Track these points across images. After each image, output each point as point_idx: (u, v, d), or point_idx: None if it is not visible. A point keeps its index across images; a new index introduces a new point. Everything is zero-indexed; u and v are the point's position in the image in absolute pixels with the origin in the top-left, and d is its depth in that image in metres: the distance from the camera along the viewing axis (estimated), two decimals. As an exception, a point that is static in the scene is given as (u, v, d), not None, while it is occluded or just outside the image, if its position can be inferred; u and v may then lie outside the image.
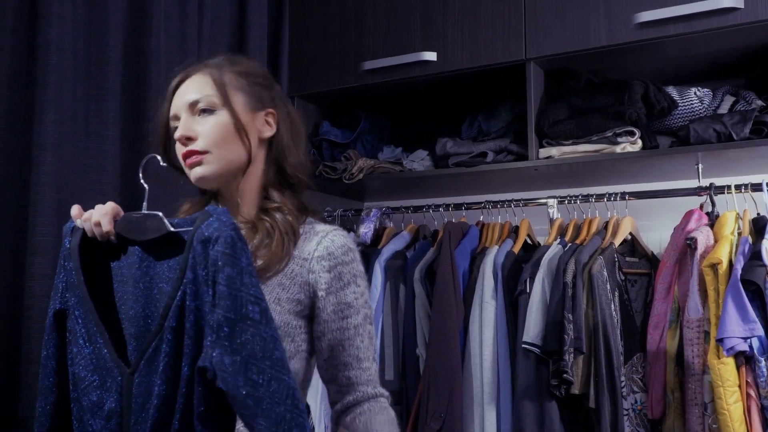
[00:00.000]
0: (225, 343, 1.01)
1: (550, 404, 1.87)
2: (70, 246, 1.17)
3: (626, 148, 1.95)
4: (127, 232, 1.17)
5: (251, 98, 1.30)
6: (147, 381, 1.08)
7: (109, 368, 1.11)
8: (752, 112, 1.83)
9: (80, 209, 1.19)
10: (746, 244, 1.82)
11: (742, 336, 1.69)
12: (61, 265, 1.19)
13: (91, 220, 1.17)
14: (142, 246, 1.17)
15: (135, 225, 1.17)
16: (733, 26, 1.81)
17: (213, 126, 1.25)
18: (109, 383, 1.11)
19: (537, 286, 1.95)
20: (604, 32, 1.95)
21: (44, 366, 1.18)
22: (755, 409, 1.71)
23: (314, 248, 1.26)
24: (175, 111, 1.29)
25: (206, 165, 1.25)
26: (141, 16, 1.97)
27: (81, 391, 1.12)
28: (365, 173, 2.30)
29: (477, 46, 2.13)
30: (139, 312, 1.13)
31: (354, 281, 1.27)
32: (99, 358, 1.12)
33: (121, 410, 1.10)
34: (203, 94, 1.26)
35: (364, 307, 1.27)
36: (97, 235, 1.16)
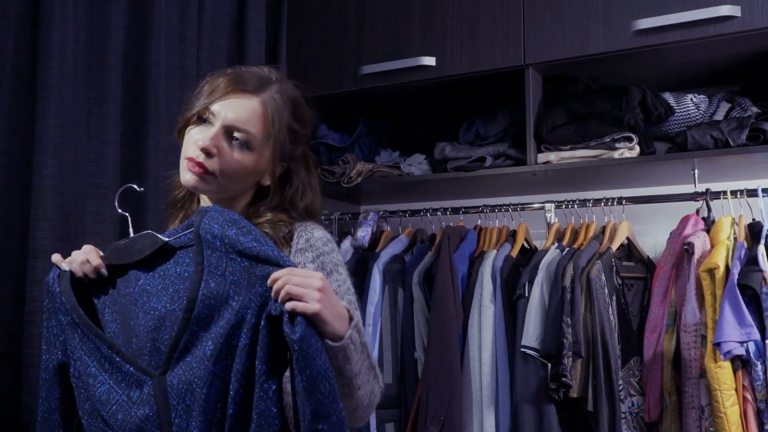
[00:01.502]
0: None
1: (549, 407, 1.89)
2: (61, 288, 1.19)
3: (624, 154, 1.97)
4: (119, 258, 1.20)
5: (284, 150, 1.29)
6: (183, 374, 1.10)
7: (138, 379, 1.13)
8: (749, 119, 1.85)
9: (60, 256, 1.22)
10: (742, 249, 1.84)
11: (738, 340, 1.72)
12: (50, 318, 1.20)
13: (77, 260, 1.19)
14: (138, 267, 1.20)
15: (126, 249, 1.20)
16: (730, 34, 1.83)
17: (240, 163, 1.24)
18: (136, 396, 1.13)
19: (536, 290, 1.97)
20: (602, 39, 1.97)
21: (46, 420, 1.20)
22: (751, 412, 1.73)
23: (296, 242, 1.27)
24: (215, 111, 1.24)
25: (206, 184, 1.25)
26: (141, 20, 1.97)
27: (110, 417, 1.14)
28: (363, 177, 2.31)
29: (476, 51, 2.15)
30: (148, 326, 1.15)
31: (336, 270, 1.27)
32: (123, 376, 1.14)
33: (158, 412, 1.11)
34: (250, 128, 1.24)
35: (347, 293, 1.26)
36: (87, 273, 1.19)
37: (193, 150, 1.24)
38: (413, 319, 2.11)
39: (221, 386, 1.07)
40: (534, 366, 1.92)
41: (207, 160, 1.23)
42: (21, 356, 1.62)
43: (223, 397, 1.07)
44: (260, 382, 1.05)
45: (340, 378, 1.10)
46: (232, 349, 1.07)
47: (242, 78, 1.27)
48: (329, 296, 1.06)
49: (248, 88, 1.26)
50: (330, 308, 1.05)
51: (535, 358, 1.92)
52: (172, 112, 1.97)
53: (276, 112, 1.26)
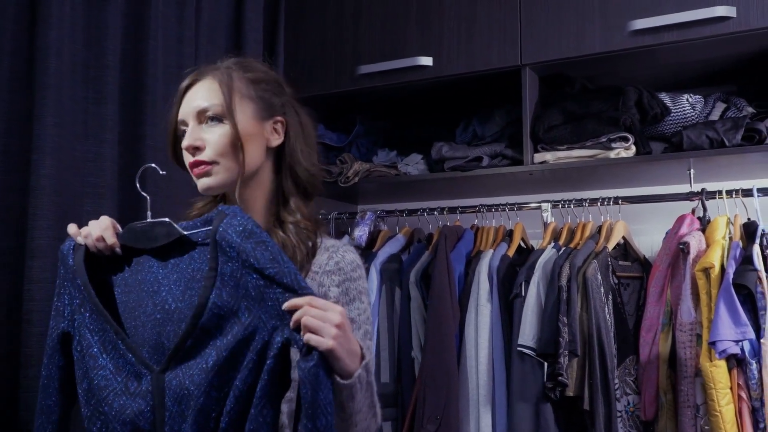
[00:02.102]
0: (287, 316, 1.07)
1: (545, 406, 1.90)
2: (75, 263, 1.18)
3: (620, 154, 1.98)
4: (133, 242, 1.19)
5: (260, 106, 1.29)
6: (182, 376, 1.10)
7: (137, 371, 1.13)
8: (744, 119, 1.86)
9: (76, 227, 1.20)
10: (737, 249, 1.85)
11: (733, 339, 1.73)
12: (63, 286, 1.20)
13: (92, 236, 1.18)
14: (151, 253, 1.18)
15: (142, 234, 1.19)
16: (726, 35, 1.84)
17: (221, 136, 1.24)
18: (134, 387, 1.13)
19: (532, 289, 1.98)
20: (598, 39, 1.98)
21: (45, 387, 1.20)
22: (746, 410, 1.74)
23: (325, 262, 1.27)
24: (183, 117, 1.28)
25: (214, 176, 1.24)
26: (139, 20, 1.97)
27: (103, 401, 1.14)
28: (360, 177, 2.31)
29: (473, 51, 2.15)
30: (155, 318, 1.15)
31: (359, 297, 1.27)
32: (123, 363, 1.14)
33: (153, 409, 1.11)
34: (211, 103, 1.25)
35: (365, 323, 1.27)
36: (102, 249, 1.18)
37: (187, 158, 1.26)
38: (410, 318, 2.12)
39: (218, 397, 1.07)
40: (530, 365, 1.93)
41: (200, 154, 1.24)
42: (19, 355, 1.62)
43: (218, 408, 1.07)
44: (259, 404, 1.05)
45: (341, 413, 1.11)
46: (235, 364, 1.07)
47: (192, 72, 1.31)
48: (346, 332, 1.06)
49: (195, 79, 1.29)
50: (345, 345, 1.06)
51: (532, 357, 1.93)
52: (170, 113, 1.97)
53: (223, 75, 1.28)
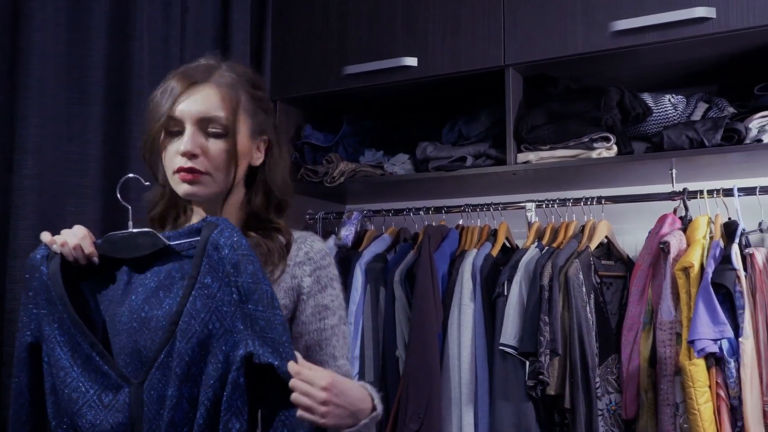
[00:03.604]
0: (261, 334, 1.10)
1: (527, 405, 1.91)
2: (49, 273, 1.16)
3: (602, 154, 1.99)
4: (112, 251, 1.19)
5: (255, 125, 1.30)
6: (161, 387, 1.10)
7: (114, 383, 1.12)
8: (723, 120, 1.87)
9: (50, 235, 1.20)
10: (717, 248, 1.86)
11: (712, 338, 1.74)
12: (30, 296, 1.18)
13: (69, 245, 1.17)
14: (129, 263, 1.19)
15: (122, 244, 1.18)
16: (706, 35, 1.85)
17: (222, 151, 1.23)
18: (108, 400, 1.12)
19: (514, 288, 1.99)
20: (581, 40, 1.99)
21: (17, 398, 1.19)
22: (725, 409, 1.75)
23: (295, 254, 1.30)
24: (181, 116, 1.23)
25: (203, 186, 1.23)
26: (124, 20, 1.98)
27: (76, 414, 1.12)
28: (346, 177, 2.32)
29: (457, 52, 2.16)
30: (132, 326, 1.15)
31: (331, 284, 1.31)
32: (97, 376, 1.13)
33: (131, 423, 1.11)
34: (217, 114, 1.23)
35: (339, 308, 1.31)
36: (78, 259, 1.18)
37: (178, 160, 1.22)
38: (395, 317, 2.13)
39: (189, 409, 1.09)
40: (512, 364, 1.94)
41: (195, 162, 1.22)
42: (2, 354, 1.63)
43: (189, 421, 1.08)
44: (225, 416, 1.07)
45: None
46: (200, 375, 1.09)
47: (188, 73, 1.27)
48: (338, 399, 1.12)
49: (197, 79, 1.25)
50: (339, 412, 1.12)
51: (514, 356, 1.94)
52: (155, 113, 1.99)
53: (231, 88, 1.27)
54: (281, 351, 1.09)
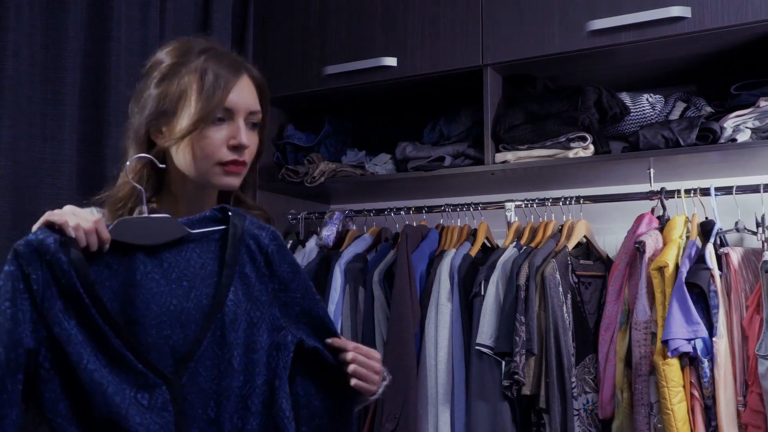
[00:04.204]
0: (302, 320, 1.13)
1: (503, 405, 1.91)
2: (72, 260, 1.01)
3: (579, 153, 1.99)
4: (128, 237, 1.08)
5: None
6: (202, 381, 1.07)
7: (151, 383, 1.04)
8: (699, 119, 1.87)
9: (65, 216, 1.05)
10: (693, 248, 1.86)
11: (685, 338, 1.73)
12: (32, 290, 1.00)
13: (82, 228, 1.04)
14: (143, 251, 1.09)
15: (139, 229, 1.09)
16: (682, 35, 1.85)
17: (255, 144, 1.25)
18: (147, 400, 1.03)
19: (491, 288, 1.99)
20: (557, 39, 1.99)
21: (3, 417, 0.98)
22: (698, 409, 1.75)
23: None
24: (233, 107, 1.20)
25: (240, 178, 1.24)
26: (101, 21, 1.99)
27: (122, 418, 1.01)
28: (327, 177, 2.32)
29: (436, 51, 2.16)
30: (161, 320, 1.07)
31: None
32: (129, 376, 1.03)
33: (176, 422, 1.05)
34: (257, 108, 1.24)
35: None
36: (91, 245, 1.05)
37: (225, 153, 1.20)
38: (374, 317, 2.13)
39: (239, 399, 1.07)
40: (488, 364, 1.94)
41: (243, 155, 1.21)
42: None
43: (241, 411, 1.07)
44: (278, 405, 1.08)
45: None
46: (256, 364, 1.09)
47: (231, 61, 1.24)
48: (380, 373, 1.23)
49: (243, 72, 1.24)
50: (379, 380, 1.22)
51: (490, 356, 1.94)
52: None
53: (263, 82, 1.28)
54: (324, 335, 1.15)
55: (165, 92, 1.20)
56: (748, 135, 1.81)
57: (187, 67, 1.21)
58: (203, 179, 1.22)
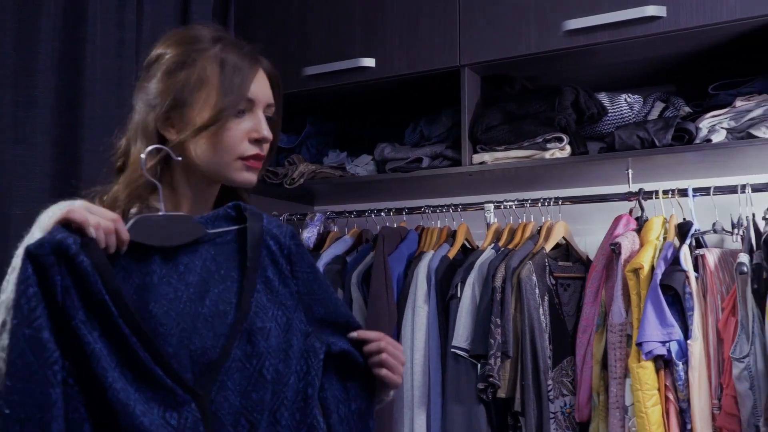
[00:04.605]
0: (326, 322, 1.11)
1: (478, 408, 1.90)
2: (96, 263, 0.90)
3: (555, 154, 1.97)
4: (147, 238, 0.99)
5: None
6: (231, 395, 0.98)
7: (179, 400, 0.94)
8: (674, 119, 1.85)
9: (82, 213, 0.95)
10: (670, 249, 1.84)
11: (660, 340, 1.72)
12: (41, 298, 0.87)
13: (102, 227, 0.94)
14: (159, 252, 1.01)
15: (158, 229, 1.00)
16: (657, 34, 1.83)
17: (274, 140, 1.21)
18: (175, 420, 0.93)
19: (467, 290, 1.97)
20: (534, 39, 1.98)
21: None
22: (673, 411, 1.74)
23: None
24: (255, 97, 1.16)
25: (258, 173, 1.18)
26: (76, 23, 1.97)
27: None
28: (306, 178, 2.31)
29: (414, 52, 2.15)
30: (182, 328, 0.98)
31: None
32: (156, 393, 0.93)
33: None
34: (272, 102, 1.20)
35: None
36: (110, 246, 0.95)
37: (247, 146, 1.14)
38: (352, 319, 2.12)
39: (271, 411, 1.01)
40: (464, 366, 1.93)
41: (263, 149, 1.17)
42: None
43: (275, 424, 1.02)
44: (311, 415, 1.05)
45: None
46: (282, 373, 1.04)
47: (249, 52, 1.19)
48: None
49: (258, 60, 1.20)
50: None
51: (466, 359, 1.93)
52: (109, 115, 1.98)
53: (277, 76, 1.23)
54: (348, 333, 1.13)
55: (180, 82, 1.13)
56: (723, 135, 1.79)
57: (202, 54, 1.15)
58: (220, 174, 1.15)
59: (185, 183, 1.17)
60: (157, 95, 1.14)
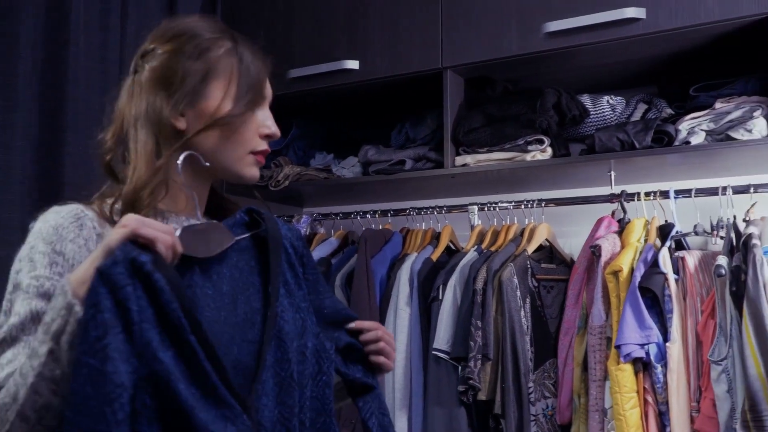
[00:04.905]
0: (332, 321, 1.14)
1: (459, 410, 1.90)
2: (169, 280, 0.87)
3: (536, 156, 1.97)
4: (194, 250, 0.95)
5: None
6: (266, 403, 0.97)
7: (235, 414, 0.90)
8: (654, 121, 1.85)
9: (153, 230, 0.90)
10: (650, 251, 1.84)
11: (638, 342, 1.72)
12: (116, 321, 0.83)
13: (163, 244, 0.90)
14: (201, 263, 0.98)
15: (200, 239, 0.97)
16: (637, 36, 1.83)
17: None
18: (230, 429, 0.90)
19: (449, 293, 1.98)
20: (515, 41, 1.97)
21: None
22: (652, 414, 1.73)
23: None
24: (268, 94, 1.19)
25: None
26: (58, 27, 1.98)
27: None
28: (291, 180, 2.31)
29: (397, 54, 2.15)
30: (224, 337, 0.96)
31: None
32: (219, 410, 0.89)
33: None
34: None
35: None
36: (170, 261, 0.92)
37: (259, 141, 1.14)
38: (336, 321, 2.12)
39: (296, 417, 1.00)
40: (445, 369, 1.93)
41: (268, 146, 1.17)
42: None
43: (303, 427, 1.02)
44: (328, 409, 1.07)
45: None
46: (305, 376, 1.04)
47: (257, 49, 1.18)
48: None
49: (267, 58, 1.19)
50: None
51: (447, 361, 1.93)
52: (92, 119, 1.99)
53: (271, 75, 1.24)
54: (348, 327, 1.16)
55: (196, 72, 1.09)
56: (702, 137, 1.79)
57: (216, 45, 1.12)
58: (229, 168, 1.12)
59: (188, 181, 1.09)
60: (170, 83, 1.09)
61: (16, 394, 0.89)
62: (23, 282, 0.98)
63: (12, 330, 0.95)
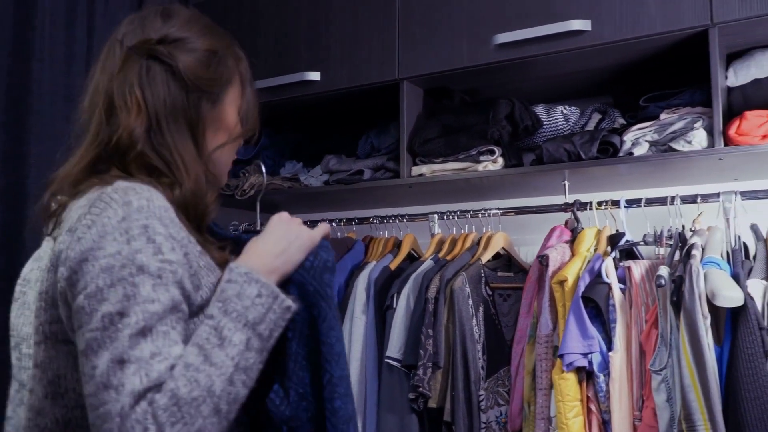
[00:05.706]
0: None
1: (410, 417, 1.92)
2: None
3: (488, 166, 1.99)
4: None
5: None
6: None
7: None
8: (600, 132, 1.87)
9: None
10: (598, 261, 1.85)
11: (581, 352, 1.73)
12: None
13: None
14: None
15: None
16: (583, 48, 1.85)
17: None
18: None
19: (402, 301, 2.00)
20: (466, 53, 2.00)
21: None
22: (596, 423, 1.75)
23: None
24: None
25: None
26: (21, 41, 2.03)
27: None
28: (256, 190, 2.35)
29: (356, 66, 2.18)
30: None
31: None
32: None
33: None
34: None
35: None
36: None
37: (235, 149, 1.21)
38: (297, 329, 2.15)
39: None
40: (398, 376, 1.96)
41: None
42: None
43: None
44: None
45: None
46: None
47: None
48: None
49: None
50: None
51: (399, 369, 1.95)
52: (57, 132, 2.03)
53: None
54: None
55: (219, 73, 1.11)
56: (645, 148, 1.80)
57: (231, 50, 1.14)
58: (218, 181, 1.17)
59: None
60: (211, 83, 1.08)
61: (210, 387, 0.86)
62: (150, 265, 0.89)
63: (152, 318, 0.87)
